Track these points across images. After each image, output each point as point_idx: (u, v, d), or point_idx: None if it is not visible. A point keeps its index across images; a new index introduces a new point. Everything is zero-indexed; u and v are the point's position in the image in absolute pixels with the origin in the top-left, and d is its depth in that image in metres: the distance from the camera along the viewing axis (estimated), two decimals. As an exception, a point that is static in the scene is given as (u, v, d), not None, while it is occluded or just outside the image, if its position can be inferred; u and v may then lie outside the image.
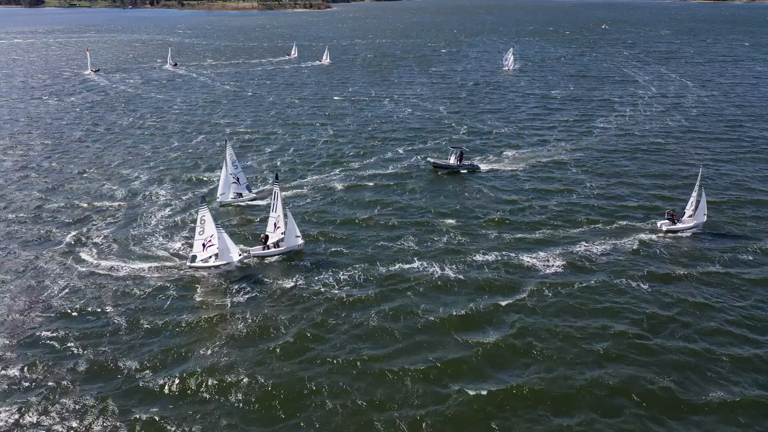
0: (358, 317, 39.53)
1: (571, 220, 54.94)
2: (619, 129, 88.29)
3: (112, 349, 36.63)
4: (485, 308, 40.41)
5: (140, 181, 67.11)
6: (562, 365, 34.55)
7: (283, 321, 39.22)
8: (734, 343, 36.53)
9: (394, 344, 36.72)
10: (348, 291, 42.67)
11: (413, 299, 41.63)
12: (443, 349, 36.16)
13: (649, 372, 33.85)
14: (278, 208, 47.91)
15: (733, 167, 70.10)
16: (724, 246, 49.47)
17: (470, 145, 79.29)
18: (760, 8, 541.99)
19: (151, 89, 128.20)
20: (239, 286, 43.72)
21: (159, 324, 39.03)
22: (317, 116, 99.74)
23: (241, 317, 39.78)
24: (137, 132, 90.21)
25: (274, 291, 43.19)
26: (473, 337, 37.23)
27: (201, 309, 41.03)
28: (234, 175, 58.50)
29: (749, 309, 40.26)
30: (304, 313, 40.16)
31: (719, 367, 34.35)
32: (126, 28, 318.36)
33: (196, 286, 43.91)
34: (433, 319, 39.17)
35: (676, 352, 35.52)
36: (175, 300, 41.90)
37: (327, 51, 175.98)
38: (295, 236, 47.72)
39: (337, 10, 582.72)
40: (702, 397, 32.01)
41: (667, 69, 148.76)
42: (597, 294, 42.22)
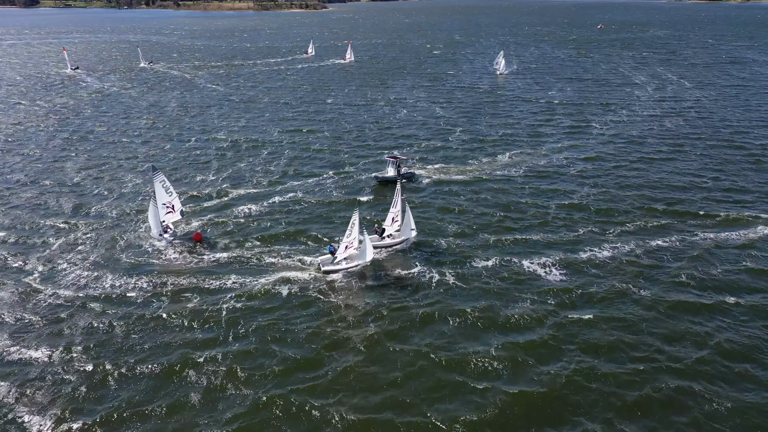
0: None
1: (570, 224, 53.73)
2: (612, 132, 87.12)
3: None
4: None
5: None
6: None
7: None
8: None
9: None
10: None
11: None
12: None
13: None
14: (398, 204, 49.64)
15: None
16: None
17: (464, 149, 78.25)
18: (755, 8, 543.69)
19: (130, 87, 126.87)
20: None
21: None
22: (314, 121, 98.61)
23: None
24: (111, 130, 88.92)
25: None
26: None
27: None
28: (167, 204, 51.07)
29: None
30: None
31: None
32: (114, 29, 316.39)
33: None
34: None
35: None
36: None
37: (350, 49, 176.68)
38: (411, 229, 49.04)
39: (333, 10, 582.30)
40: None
41: (664, 69, 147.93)
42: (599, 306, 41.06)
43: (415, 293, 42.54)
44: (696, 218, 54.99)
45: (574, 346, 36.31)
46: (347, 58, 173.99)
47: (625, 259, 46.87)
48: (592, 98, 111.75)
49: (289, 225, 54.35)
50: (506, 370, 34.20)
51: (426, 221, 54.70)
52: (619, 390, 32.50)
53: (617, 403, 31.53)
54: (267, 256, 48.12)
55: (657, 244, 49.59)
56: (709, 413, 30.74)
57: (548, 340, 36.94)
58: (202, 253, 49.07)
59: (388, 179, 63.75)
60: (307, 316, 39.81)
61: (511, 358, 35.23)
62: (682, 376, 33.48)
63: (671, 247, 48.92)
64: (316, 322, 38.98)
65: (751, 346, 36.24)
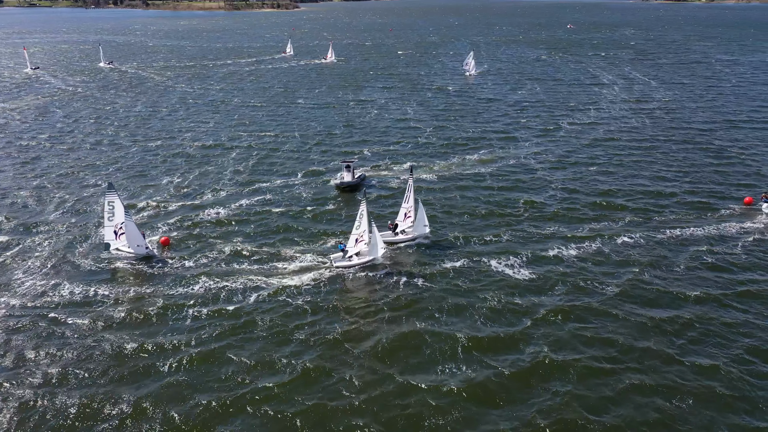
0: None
1: (538, 223, 54.04)
2: (579, 131, 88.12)
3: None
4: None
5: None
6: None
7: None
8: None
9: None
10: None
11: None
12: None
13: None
14: (410, 200, 50.07)
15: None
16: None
17: (433, 150, 78.41)
18: (719, 8, 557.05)
19: (90, 86, 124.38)
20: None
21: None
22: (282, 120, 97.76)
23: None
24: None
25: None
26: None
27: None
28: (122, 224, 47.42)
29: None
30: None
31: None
32: (80, 29, 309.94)
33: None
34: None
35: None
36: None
37: (331, 48, 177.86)
38: (424, 225, 49.50)
39: (305, 10, 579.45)
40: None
41: (631, 69, 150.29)
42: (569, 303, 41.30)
43: (383, 293, 42.25)
44: (660, 216, 55.73)
45: (541, 345, 36.20)
46: (328, 58, 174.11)
47: (591, 257, 47.19)
48: (560, 98, 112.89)
49: (258, 228, 53.60)
50: (472, 365, 33.99)
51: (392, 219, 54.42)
52: (586, 389, 32.40)
53: (587, 403, 31.37)
54: (234, 261, 47.34)
55: (623, 241, 50.06)
56: (677, 410, 30.73)
57: (515, 339, 36.82)
58: (169, 257, 48.05)
59: (349, 184, 63.19)
60: (271, 322, 39.05)
61: (478, 355, 35.03)
62: (647, 374, 33.49)
63: (636, 245, 49.40)
64: (282, 328, 38.27)
65: (715, 343, 36.42)
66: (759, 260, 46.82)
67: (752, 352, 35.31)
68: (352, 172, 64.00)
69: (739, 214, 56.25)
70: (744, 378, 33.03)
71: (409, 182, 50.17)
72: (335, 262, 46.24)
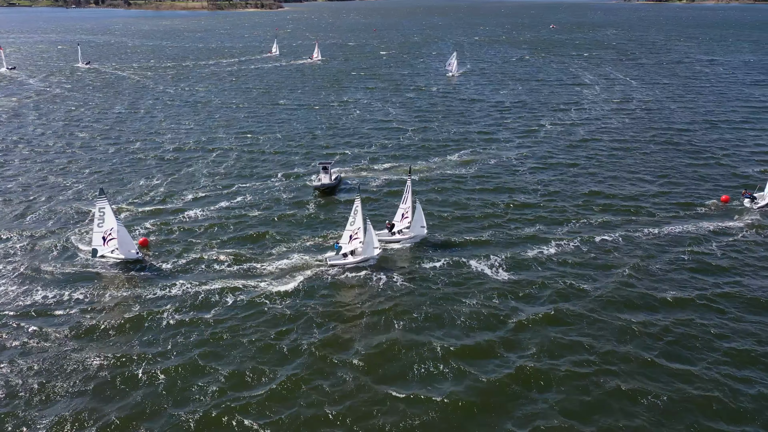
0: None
1: (519, 222, 54.01)
2: (560, 131, 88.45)
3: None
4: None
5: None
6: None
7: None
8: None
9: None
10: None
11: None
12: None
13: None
14: (408, 200, 50.01)
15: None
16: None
17: (414, 150, 78.25)
18: (699, 9, 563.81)
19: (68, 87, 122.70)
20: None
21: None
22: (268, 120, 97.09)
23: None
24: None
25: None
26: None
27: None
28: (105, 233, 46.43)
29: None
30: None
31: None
32: (59, 29, 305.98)
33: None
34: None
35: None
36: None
37: (317, 48, 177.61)
38: (421, 226, 49.45)
39: (289, 9, 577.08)
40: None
41: (612, 69, 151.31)
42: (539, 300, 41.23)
43: (366, 297, 41.90)
44: (639, 215, 55.95)
45: (521, 351, 35.94)
46: (314, 57, 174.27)
47: (572, 259, 47.18)
48: (542, 98, 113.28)
49: (236, 231, 52.97)
50: (452, 374, 33.64)
51: (374, 220, 54.06)
52: (569, 392, 32.13)
53: (567, 406, 31.15)
54: (212, 264, 46.70)
55: (602, 239, 50.26)
56: (656, 416, 30.53)
57: (495, 345, 36.44)
58: (147, 259, 47.28)
59: (327, 186, 62.54)
60: (248, 329, 38.38)
61: (458, 363, 34.61)
62: (626, 379, 33.23)
63: (616, 245, 49.54)
64: (260, 335, 37.66)
65: (693, 346, 36.16)
66: (735, 260, 47.14)
67: (732, 356, 35.12)
68: (330, 173, 63.48)
69: (716, 212, 56.72)
70: (722, 382, 32.91)
71: (408, 183, 50.17)
72: (330, 261, 46.09)
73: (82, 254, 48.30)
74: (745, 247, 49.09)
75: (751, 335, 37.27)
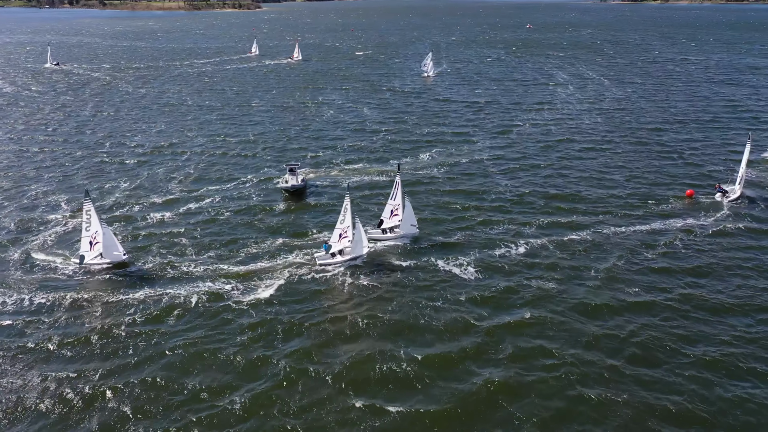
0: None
1: (487, 222, 54.05)
2: (532, 131, 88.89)
3: None
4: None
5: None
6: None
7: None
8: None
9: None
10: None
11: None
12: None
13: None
14: (397, 197, 49.19)
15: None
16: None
17: (387, 150, 78.08)
18: (673, 9, 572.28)
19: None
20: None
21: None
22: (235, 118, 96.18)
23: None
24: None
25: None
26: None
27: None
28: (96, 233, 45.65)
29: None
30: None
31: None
32: (31, 30, 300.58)
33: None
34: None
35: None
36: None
37: (298, 48, 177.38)
38: (411, 224, 48.96)
39: (267, 10, 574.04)
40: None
41: (586, 68, 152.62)
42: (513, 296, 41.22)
43: (336, 301, 41.54)
44: (608, 214, 56.25)
45: (491, 355, 35.60)
46: (295, 57, 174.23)
47: (539, 260, 47.27)
48: (516, 98, 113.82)
49: (204, 234, 52.24)
50: (420, 383, 33.08)
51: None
52: (539, 400, 31.68)
53: (540, 414, 30.72)
54: (181, 265, 45.99)
55: (570, 238, 50.50)
56: (630, 418, 30.41)
57: (465, 349, 35.98)
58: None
59: (297, 188, 61.90)
60: (218, 334, 37.84)
61: (426, 371, 33.99)
62: (594, 383, 32.95)
63: (584, 244, 49.76)
64: (225, 342, 37.02)
65: (664, 347, 35.91)
66: (699, 258, 47.50)
67: (697, 361, 34.77)
68: (297, 175, 62.74)
69: (682, 209, 57.35)
70: (688, 387, 32.69)
71: (396, 180, 49.57)
72: (319, 260, 45.80)
73: (39, 263, 46.85)
74: (709, 247, 49.39)
75: (713, 338, 37.15)
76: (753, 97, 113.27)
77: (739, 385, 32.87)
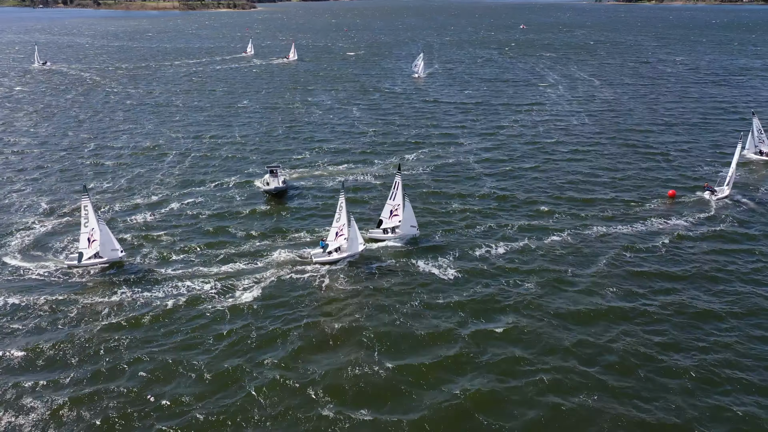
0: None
1: (471, 224, 53.77)
2: (520, 132, 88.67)
3: None
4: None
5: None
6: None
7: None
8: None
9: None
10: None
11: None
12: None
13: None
14: (397, 197, 48.93)
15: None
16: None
17: (373, 150, 77.77)
18: (668, 9, 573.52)
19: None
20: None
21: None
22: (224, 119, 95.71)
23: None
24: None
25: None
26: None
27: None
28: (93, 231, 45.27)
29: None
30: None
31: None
32: (23, 29, 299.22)
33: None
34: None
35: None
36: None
37: (294, 48, 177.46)
38: (411, 225, 48.82)
39: (262, 10, 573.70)
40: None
41: (577, 69, 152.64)
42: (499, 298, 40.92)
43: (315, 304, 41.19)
44: (590, 214, 56.09)
45: (471, 366, 34.96)
46: (290, 58, 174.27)
47: (521, 265, 46.89)
48: (506, 98, 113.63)
49: (185, 236, 51.70)
50: (398, 393, 32.61)
51: (326, 219, 53.35)
52: (516, 408, 31.16)
53: (517, 423, 30.20)
54: (159, 268, 45.54)
55: (552, 242, 50.13)
56: (610, 428, 30.01)
57: (445, 359, 35.24)
58: (92, 266, 45.80)
59: (280, 190, 61.36)
60: (200, 340, 37.24)
61: (403, 378, 33.53)
62: (572, 395, 32.27)
63: (566, 245, 49.58)
64: (209, 348, 36.46)
65: (643, 355, 35.40)
66: (677, 263, 47.13)
67: (675, 371, 34.05)
68: (278, 176, 62.17)
69: (664, 210, 57.17)
70: (667, 399, 32.46)
71: (396, 179, 49.15)
72: (315, 258, 45.85)
73: (9, 267, 46.13)
74: (690, 251, 48.79)
75: (692, 345, 36.79)
76: (743, 98, 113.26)
77: (718, 393, 32.37)
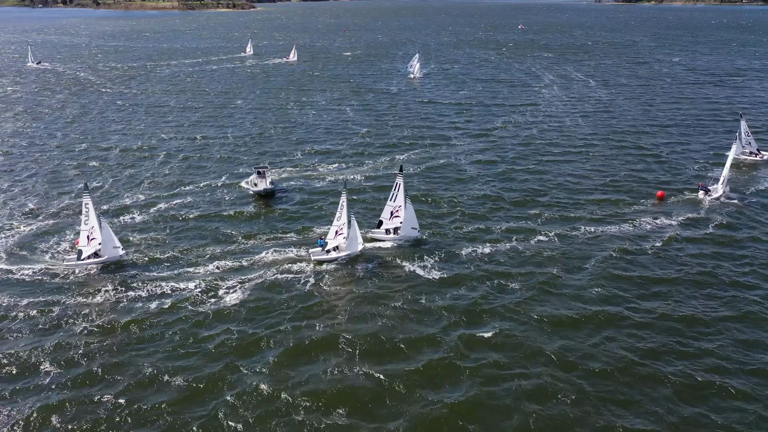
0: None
1: (462, 221, 53.62)
2: (513, 132, 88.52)
3: None
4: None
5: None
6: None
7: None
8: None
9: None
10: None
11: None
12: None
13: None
14: (398, 198, 48.73)
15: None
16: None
17: (364, 150, 77.59)
18: (667, 10, 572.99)
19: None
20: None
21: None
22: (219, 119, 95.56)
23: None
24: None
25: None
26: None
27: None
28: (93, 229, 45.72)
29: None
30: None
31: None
32: (20, 29, 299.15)
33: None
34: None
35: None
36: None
37: (294, 49, 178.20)
38: (412, 227, 48.67)
39: (261, 10, 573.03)
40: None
41: (573, 69, 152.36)
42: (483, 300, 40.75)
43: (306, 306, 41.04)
44: (579, 214, 56.04)
45: (458, 375, 34.68)
46: (291, 58, 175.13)
47: (509, 268, 46.86)
48: (500, 99, 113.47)
49: (172, 237, 51.67)
50: (382, 401, 32.20)
51: (322, 222, 53.23)
52: (500, 417, 30.92)
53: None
54: (149, 269, 45.55)
55: (541, 244, 50.11)
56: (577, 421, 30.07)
57: (432, 367, 34.89)
58: (80, 266, 45.65)
59: (268, 191, 61.13)
60: (184, 345, 37.02)
61: (387, 386, 33.19)
62: (554, 405, 31.96)
63: (554, 246, 49.54)
64: (192, 353, 36.20)
65: (629, 361, 35.10)
66: (667, 265, 47.04)
67: (657, 378, 33.85)
68: (266, 178, 61.92)
69: (654, 211, 57.01)
70: (651, 410, 31.89)
71: (398, 180, 49.00)
72: (313, 256, 46.02)
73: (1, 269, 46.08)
74: (677, 254, 48.74)
75: (678, 352, 36.54)
76: (738, 99, 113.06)
77: (699, 400, 32.22)
